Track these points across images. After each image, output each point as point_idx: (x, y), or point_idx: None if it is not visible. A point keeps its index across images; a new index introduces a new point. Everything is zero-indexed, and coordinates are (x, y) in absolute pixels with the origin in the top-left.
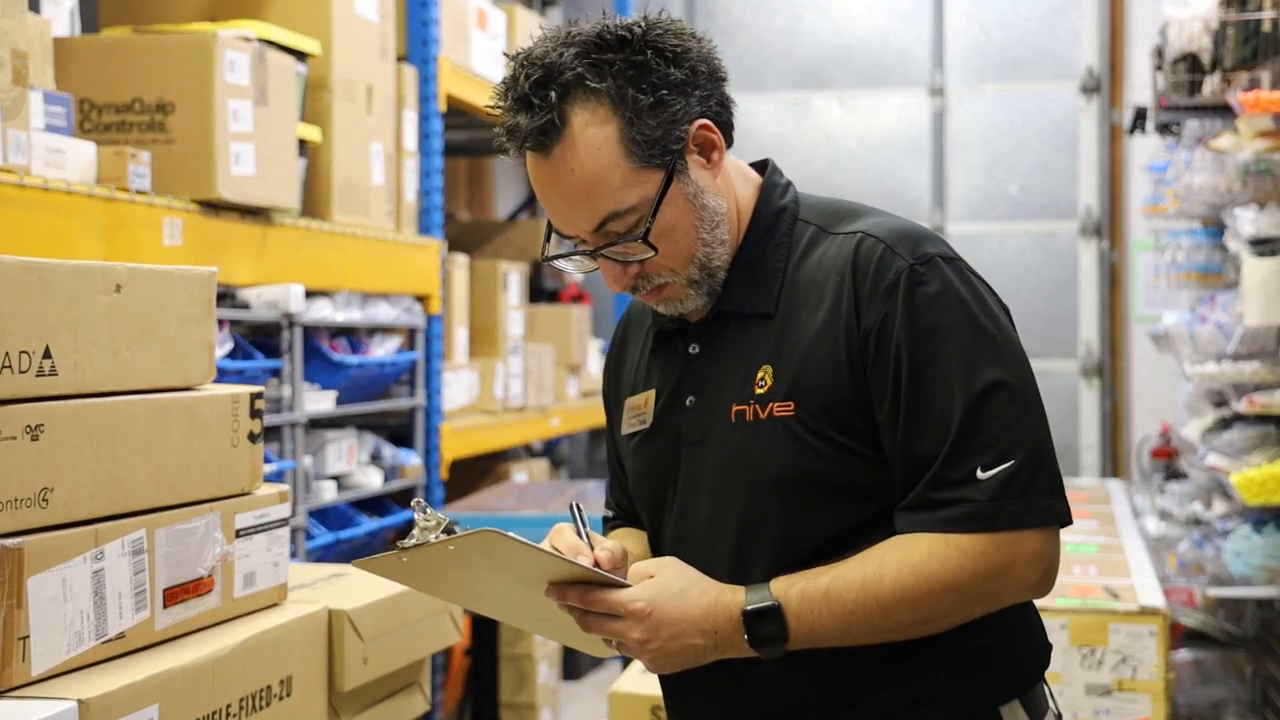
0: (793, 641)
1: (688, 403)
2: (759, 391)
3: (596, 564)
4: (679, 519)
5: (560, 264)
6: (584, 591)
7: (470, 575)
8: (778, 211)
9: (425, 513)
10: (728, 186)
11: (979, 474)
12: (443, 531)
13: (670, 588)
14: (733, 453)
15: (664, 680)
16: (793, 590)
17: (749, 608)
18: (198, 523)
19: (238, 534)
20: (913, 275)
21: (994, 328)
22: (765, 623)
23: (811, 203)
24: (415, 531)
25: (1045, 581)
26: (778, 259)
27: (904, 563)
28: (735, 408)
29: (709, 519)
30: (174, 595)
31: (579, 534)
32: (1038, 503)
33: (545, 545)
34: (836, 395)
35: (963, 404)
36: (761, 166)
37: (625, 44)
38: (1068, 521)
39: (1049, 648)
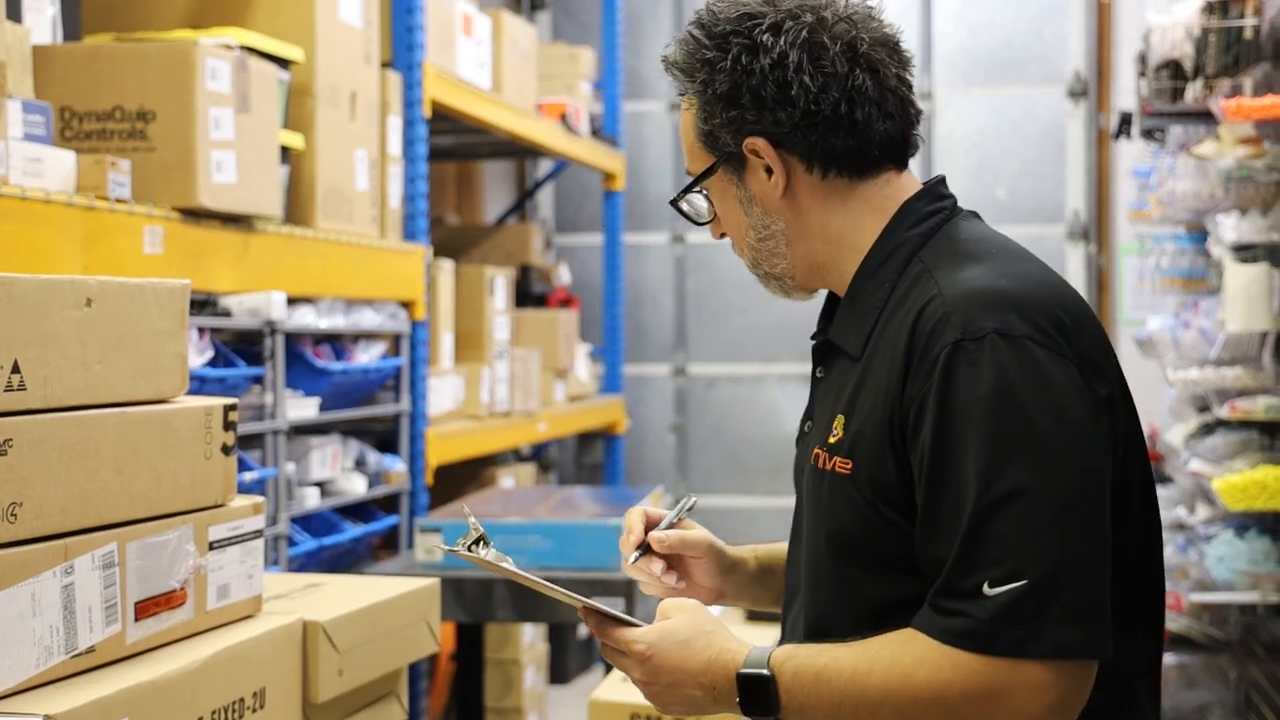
0: (785, 712)
1: (806, 428)
2: (831, 440)
3: (645, 545)
4: (793, 537)
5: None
6: (599, 622)
7: (522, 581)
8: (896, 245)
9: (470, 521)
10: (810, 216)
11: (985, 590)
12: (472, 544)
13: (676, 635)
14: (810, 495)
15: None
16: (789, 664)
17: (742, 671)
18: (170, 535)
19: (211, 546)
20: (956, 351)
21: (1041, 422)
22: (757, 691)
23: (950, 236)
24: (460, 538)
25: (1053, 716)
26: (878, 297)
27: (895, 662)
28: (816, 450)
29: (802, 550)
30: (146, 608)
31: (671, 517)
32: (1047, 631)
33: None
34: (883, 467)
35: (975, 509)
36: (930, 187)
37: (723, 53)
38: (1089, 655)
39: None
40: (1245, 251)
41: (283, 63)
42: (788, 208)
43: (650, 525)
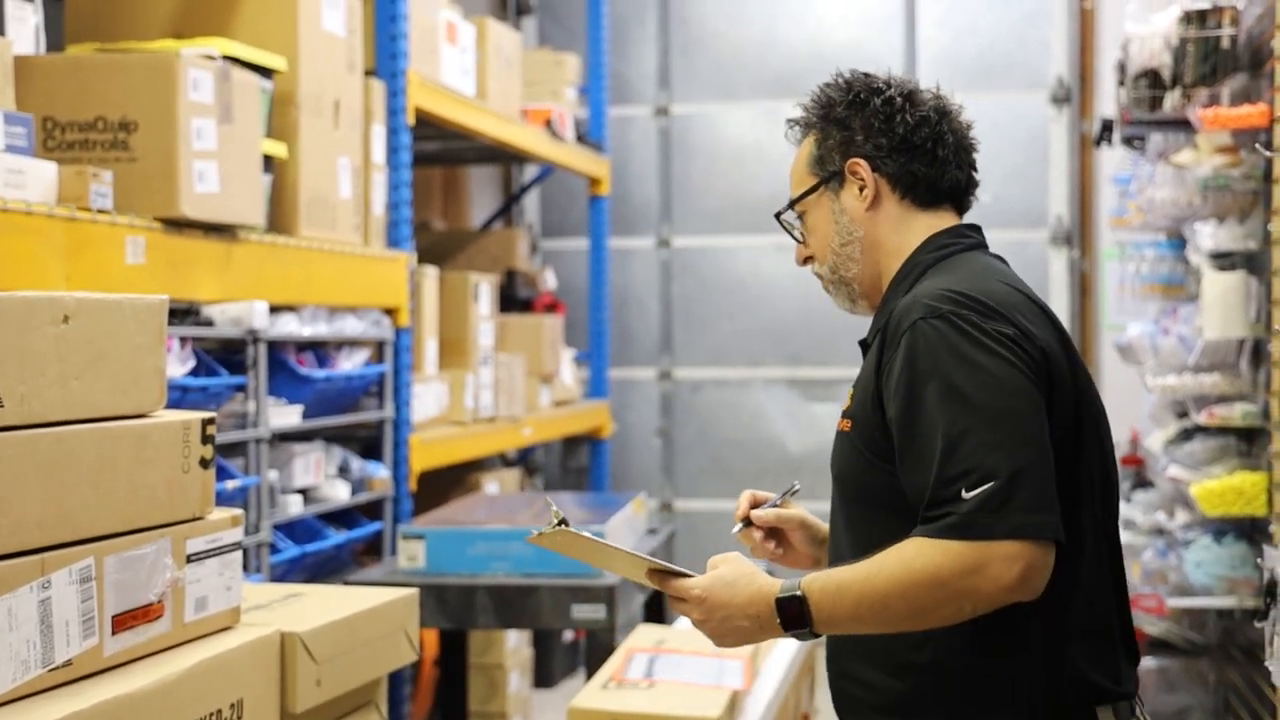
0: (817, 626)
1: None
2: (844, 407)
3: (746, 520)
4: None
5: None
6: (661, 579)
7: (599, 553)
8: (914, 264)
9: (552, 509)
10: (882, 228)
11: (963, 493)
12: (558, 524)
13: (724, 578)
14: (833, 455)
15: None
16: (815, 584)
17: (780, 596)
18: (148, 549)
19: (189, 559)
20: (913, 331)
21: (984, 366)
22: (793, 610)
23: (953, 261)
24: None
25: (1025, 583)
26: (895, 298)
27: (897, 559)
28: (840, 419)
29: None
30: (123, 621)
31: (775, 499)
32: (1013, 517)
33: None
34: (870, 422)
35: (944, 439)
36: (970, 229)
37: (847, 93)
38: (1046, 536)
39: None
40: (1223, 259)
41: (266, 72)
42: (869, 220)
43: (756, 505)
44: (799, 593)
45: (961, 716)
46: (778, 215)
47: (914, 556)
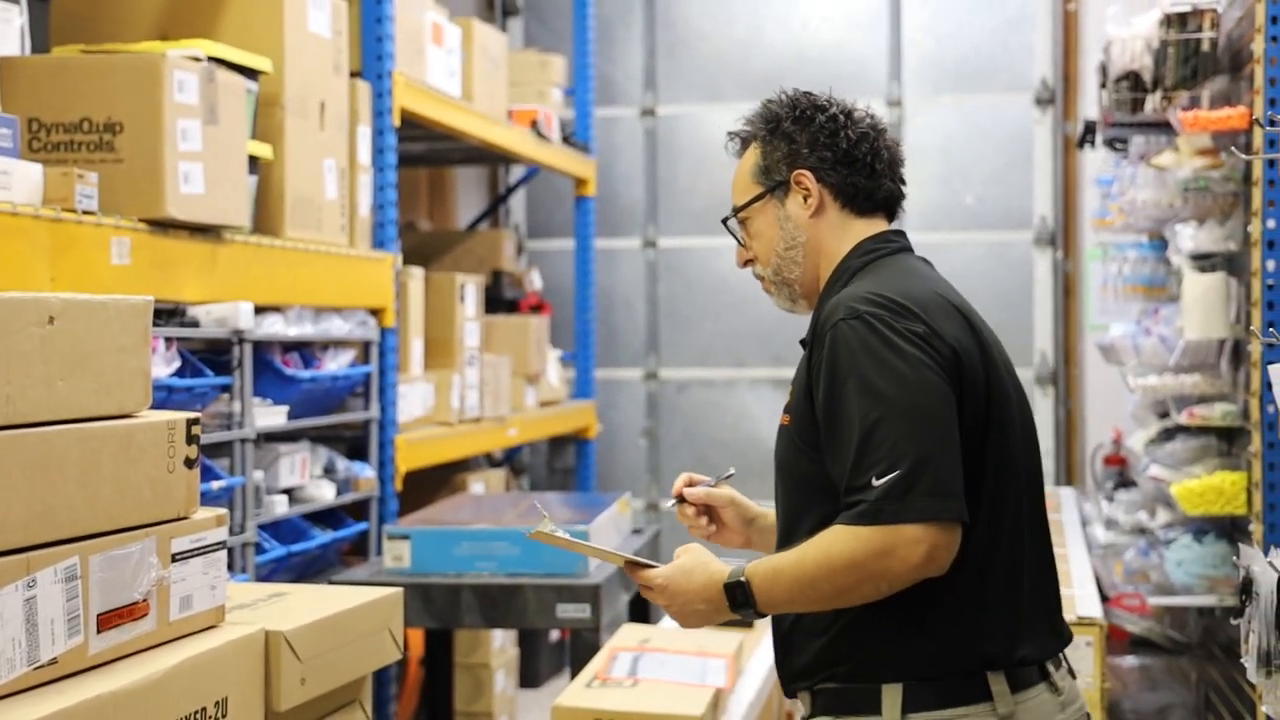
0: (760, 607)
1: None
2: (786, 402)
3: (680, 497)
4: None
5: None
6: (633, 569)
7: (584, 549)
8: (844, 268)
9: (539, 509)
10: (823, 233)
11: (874, 481)
12: (541, 528)
13: (683, 567)
14: (776, 447)
15: None
16: (757, 570)
17: (726, 581)
18: (133, 548)
19: (174, 558)
20: (834, 330)
21: (894, 366)
22: (739, 594)
23: (878, 265)
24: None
25: (931, 561)
26: (827, 300)
27: (821, 545)
28: (782, 413)
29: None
30: (108, 620)
31: (709, 481)
32: (916, 503)
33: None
34: (803, 415)
35: (860, 431)
36: (895, 234)
37: (793, 109)
38: (947, 518)
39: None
40: (1203, 260)
41: (251, 73)
42: (812, 227)
43: (692, 485)
44: (743, 579)
45: (863, 674)
46: (725, 221)
47: (832, 542)
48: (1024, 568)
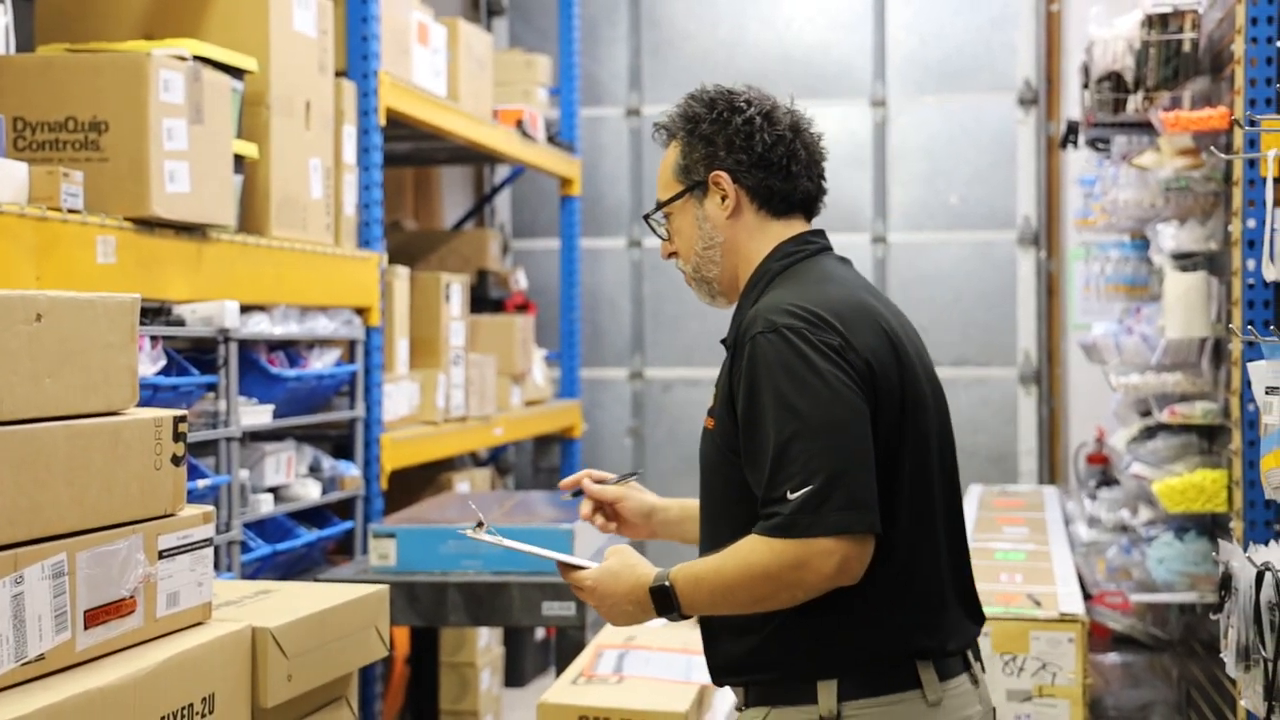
0: (684, 609)
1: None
2: (709, 405)
3: (579, 493)
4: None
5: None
6: (566, 570)
7: (521, 551)
8: (763, 272)
9: (473, 507)
10: (740, 234)
11: (788, 495)
12: (474, 527)
13: (611, 569)
14: (700, 449)
15: None
16: (680, 575)
17: (651, 585)
18: (120, 545)
19: (161, 555)
20: (753, 343)
21: (809, 382)
22: (663, 598)
23: (798, 269)
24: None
25: (844, 572)
26: (745, 307)
27: (737, 555)
28: (706, 415)
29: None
30: (95, 616)
31: (613, 480)
32: (829, 517)
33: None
34: (724, 421)
35: (775, 445)
36: (814, 235)
37: (710, 110)
38: (859, 530)
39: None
40: (1184, 260)
41: (237, 73)
42: (729, 228)
43: (603, 483)
44: (667, 583)
45: (796, 673)
46: (646, 216)
47: (749, 552)
48: (943, 562)
